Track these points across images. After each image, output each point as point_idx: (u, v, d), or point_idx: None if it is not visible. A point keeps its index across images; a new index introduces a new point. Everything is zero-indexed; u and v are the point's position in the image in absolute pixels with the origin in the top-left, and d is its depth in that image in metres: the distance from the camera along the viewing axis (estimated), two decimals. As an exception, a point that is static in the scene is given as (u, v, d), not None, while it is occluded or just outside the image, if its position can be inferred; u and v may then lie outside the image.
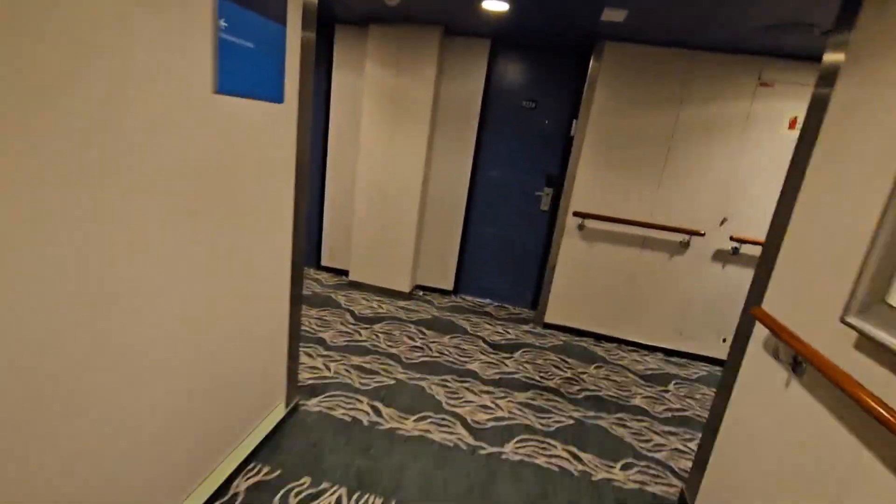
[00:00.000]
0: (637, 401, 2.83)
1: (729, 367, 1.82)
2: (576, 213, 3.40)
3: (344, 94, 3.86)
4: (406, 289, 3.93)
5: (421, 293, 4.12)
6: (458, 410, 2.48)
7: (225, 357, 1.64)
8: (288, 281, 2.00)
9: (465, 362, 3.01)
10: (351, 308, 3.61)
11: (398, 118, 3.60)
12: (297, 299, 2.13)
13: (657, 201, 3.30)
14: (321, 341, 3.03)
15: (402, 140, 3.64)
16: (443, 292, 4.15)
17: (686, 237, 3.30)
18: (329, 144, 4.00)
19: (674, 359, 3.50)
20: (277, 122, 1.70)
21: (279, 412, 2.14)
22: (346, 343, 3.05)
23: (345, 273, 4.17)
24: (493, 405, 2.58)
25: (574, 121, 3.49)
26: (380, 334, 3.24)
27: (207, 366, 1.55)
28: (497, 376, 2.89)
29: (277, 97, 1.66)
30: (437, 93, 3.65)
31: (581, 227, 3.44)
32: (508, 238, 3.95)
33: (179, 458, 1.49)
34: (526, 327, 3.70)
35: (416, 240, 3.88)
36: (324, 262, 4.29)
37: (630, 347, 3.58)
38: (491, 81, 3.69)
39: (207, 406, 1.59)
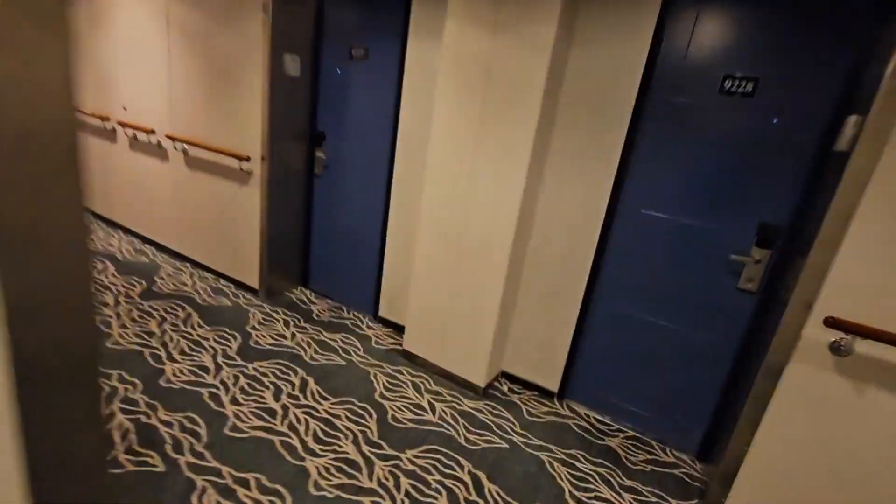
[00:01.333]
0: None
1: None
2: (832, 322, 1.56)
3: (420, 76, 2.58)
4: (481, 381, 2.50)
5: (505, 387, 2.64)
6: None
7: None
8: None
9: None
10: (386, 403, 2.33)
11: (488, 109, 2.19)
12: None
13: None
14: (297, 483, 1.80)
15: (491, 145, 2.21)
16: (541, 393, 2.60)
17: None
18: (397, 149, 2.77)
19: None
20: None
21: None
22: (336, 493, 1.78)
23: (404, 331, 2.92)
24: None
25: (849, 119, 1.64)
26: (403, 479, 1.88)
27: None
28: None
29: None
30: (558, 66, 2.12)
31: (840, 347, 1.58)
32: (667, 327, 2.22)
33: None
34: (683, 506, 1.97)
35: (504, 306, 2.42)
36: (382, 313, 3.10)
37: None
38: (662, 46, 2.01)
39: None
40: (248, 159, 2.94)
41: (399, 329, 3.00)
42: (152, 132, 3.44)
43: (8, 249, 0.69)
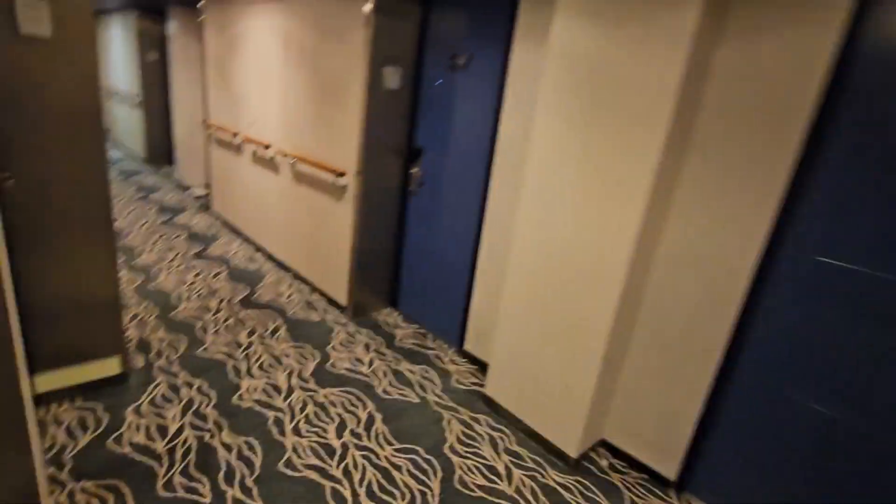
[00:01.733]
0: None
1: None
2: None
3: (524, 84, 2.25)
4: (573, 449, 2.05)
5: (604, 462, 2.13)
6: None
7: None
8: None
9: None
10: (455, 458, 2.00)
11: (601, 120, 1.77)
12: None
13: None
14: (339, 546, 1.56)
15: (604, 163, 1.79)
16: (653, 478, 2.04)
17: None
18: (494, 166, 2.47)
19: None
20: None
21: None
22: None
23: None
24: None
25: None
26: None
27: None
28: None
29: None
30: (700, 65, 1.63)
31: None
32: (848, 423, 1.56)
33: None
34: None
35: (609, 359, 1.95)
36: (467, 347, 2.79)
37: None
38: (862, 31, 1.42)
39: None
40: (343, 174, 2.88)
41: (484, 367, 2.66)
42: (268, 147, 3.61)
43: None
